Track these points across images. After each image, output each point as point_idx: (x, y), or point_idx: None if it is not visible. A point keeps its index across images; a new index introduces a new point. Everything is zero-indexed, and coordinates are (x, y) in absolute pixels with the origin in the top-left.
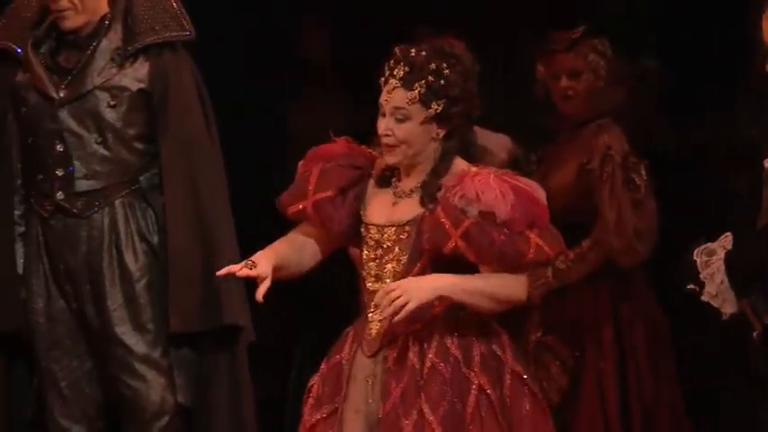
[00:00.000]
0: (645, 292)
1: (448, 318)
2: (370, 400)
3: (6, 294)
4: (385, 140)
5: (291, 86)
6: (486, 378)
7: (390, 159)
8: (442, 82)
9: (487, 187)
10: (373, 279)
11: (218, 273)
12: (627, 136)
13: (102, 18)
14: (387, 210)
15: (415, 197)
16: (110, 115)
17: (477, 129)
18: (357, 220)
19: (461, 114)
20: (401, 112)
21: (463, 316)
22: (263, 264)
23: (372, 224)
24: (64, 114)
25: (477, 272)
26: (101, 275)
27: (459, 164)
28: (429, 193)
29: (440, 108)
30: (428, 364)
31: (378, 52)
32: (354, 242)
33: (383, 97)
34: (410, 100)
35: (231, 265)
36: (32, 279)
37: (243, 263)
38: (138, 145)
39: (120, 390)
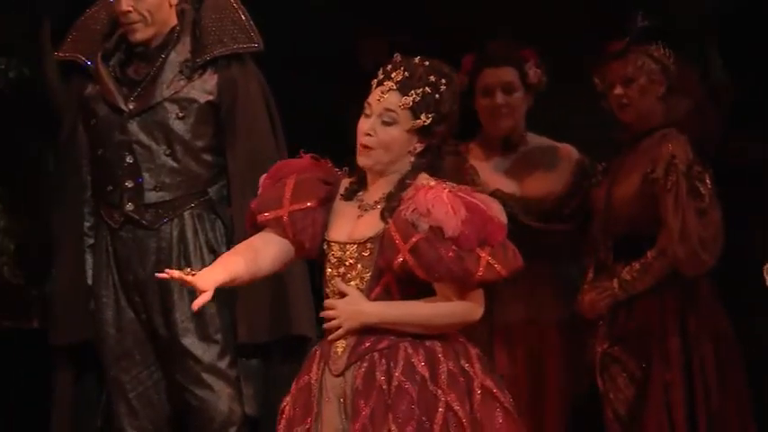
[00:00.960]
0: (712, 302)
1: (414, 335)
2: (344, 418)
3: (76, 305)
4: (365, 140)
5: (355, 99)
6: (453, 395)
7: (363, 161)
8: (437, 96)
9: (439, 202)
10: (338, 297)
11: (157, 275)
12: (692, 145)
13: (171, 30)
14: (350, 225)
15: (379, 210)
16: (178, 127)
17: (543, 139)
18: (322, 239)
19: (442, 135)
20: (390, 115)
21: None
22: (205, 277)
23: (334, 241)
24: (133, 126)
25: (436, 290)
26: (169, 287)
27: (422, 178)
28: (391, 207)
29: (427, 121)
30: (395, 383)
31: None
32: (320, 258)
33: (374, 97)
34: (403, 105)
35: (169, 269)
36: (102, 290)
37: (182, 270)
38: (207, 157)
39: (189, 400)
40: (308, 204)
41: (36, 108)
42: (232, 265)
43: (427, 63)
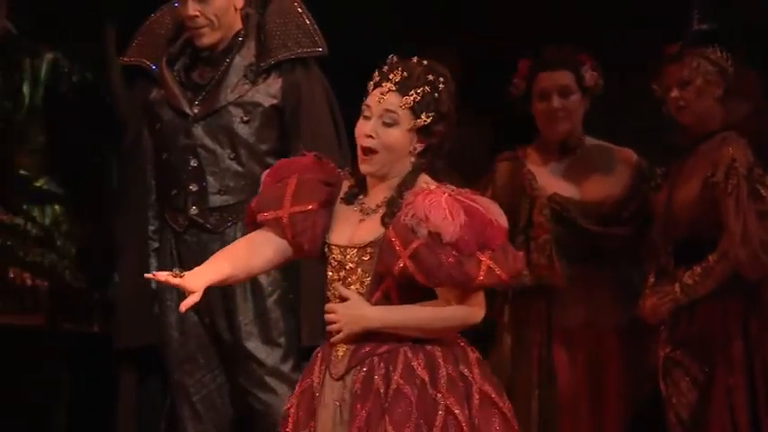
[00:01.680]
0: None
1: (414, 339)
2: (337, 422)
3: (140, 309)
4: (366, 142)
5: None
6: (453, 399)
7: (366, 168)
8: (436, 95)
9: (436, 207)
10: (338, 300)
11: (145, 275)
12: (752, 148)
13: (236, 34)
14: (351, 229)
15: (380, 213)
16: (243, 131)
17: (600, 142)
18: (323, 242)
19: (441, 135)
20: (390, 116)
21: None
22: (194, 278)
23: (335, 245)
24: (198, 130)
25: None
26: (233, 290)
27: (422, 181)
28: (392, 212)
29: (428, 121)
30: (393, 386)
31: (504, 72)
32: (319, 260)
33: (373, 99)
34: (403, 105)
35: (156, 272)
36: (166, 294)
37: (170, 272)
38: (271, 160)
39: (252, 404)
40: (309, 207)
41: (99, 112)
42: (223, 265)
43: (425, 62)
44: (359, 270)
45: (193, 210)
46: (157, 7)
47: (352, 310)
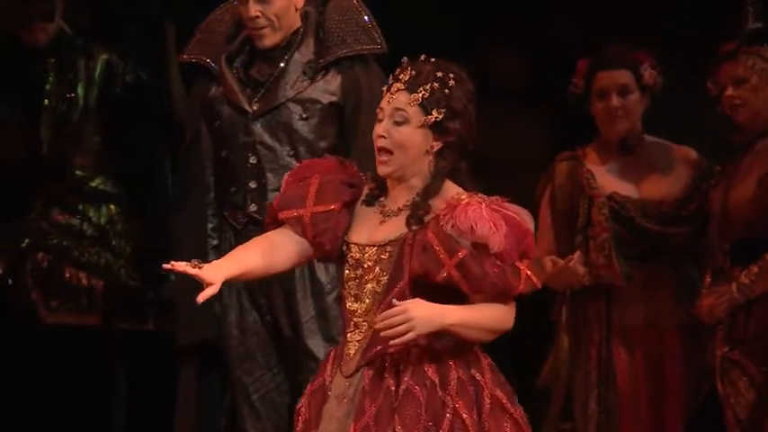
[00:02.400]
0: None
1: (427, 340)
2: (331, 418)
3: (201, 307)
4: (380, 143)
5: (477, 106)
6: (462, 402)
7: (383, 170)
8: (446, 91)
9: (481, 219)
10: (353, 299)
11: (164, 266)
12: None
13: (295, 32)
14: (371, 229)
15: (402, 217)
16: (302, 128)
17: (660, 141)
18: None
19: (459, 133)
20: (400, 114)
21: (443, 340)
22: (212, 270)
23: (354, 243)
24: (257, 127)
25: (458, 295)
26: (293, 287)
27: (449, 187)
28: (418, 215)
29: (440, 117)
30: (403, 386)
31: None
32: (338, 261)
33: (385, 101)
34: (411, 102)
35: (175, 262)
36: (225, 292)
37: (188, 262)
38: (330, 157)
39: None
40: (332, 207)
41: (153, 112)
42: (243, 260)
43: (433, 60)
44: (376, 269)
45: (252, 207)
46: (216, 6)
47: (429, 308)
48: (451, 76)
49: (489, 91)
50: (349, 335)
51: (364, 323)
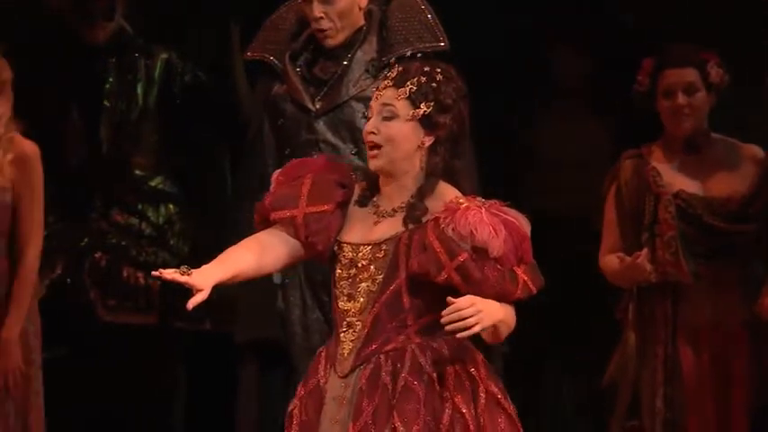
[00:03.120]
0: None
1: (422, 338)
2: (333, 422)
3: (262, 304)
4: (370, 139)
5: (542, 105)
6: (460, 397)
7: (374, 163)
8: (434, 85)
9: (481, 223)
10: (345, 298)
11: (153, 273)
12: None
13: (359, 30)
14: (365, 229)
15: (397, 217)
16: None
17: (726, 139)
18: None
19: (449, 128)
20: (389, 109)
21: (438, 337)
22: (202, 275)
23: (346, 243)
24: (320, 125)
25: (450, 295)
26: None
27: (445, 188)
28: (414, 215)
29: (428, 110)
30: (401, 382)
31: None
32: (328, 262)
33: (374, 99)
34: (399, 96)
35: (163, 270)
36: (289, 289)
37: (176, 269)
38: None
39: None
40: (324, 208)
41: (212, 111)
42: (234, 263)
43: (420, 56)
44: (371, 267)
45: None
46: (279, 4)
47: (488, 303)
48: (438, 71)
49: (554, 91)
50: (342, 335)
51: (358, 322)
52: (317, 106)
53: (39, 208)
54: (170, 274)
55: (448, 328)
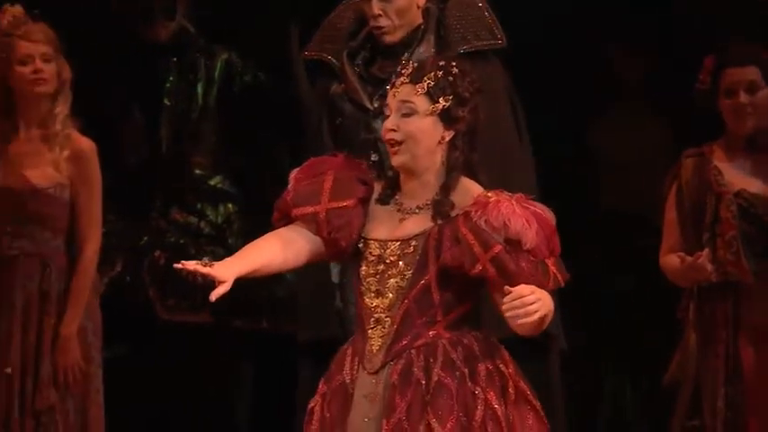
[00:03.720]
0: None
1: (452, 333)
2: (366, 419)
3: (322, 302)
4: (390, 136)
5: (603, 104)
6: (492, 393)
7: (396, 160)
8: (451, 78)
9: (514, 215)
10: (373, 294)
11: (174, 265)
12: None
13: (416, 28)
14: (391, 226)
15: (423, 214)
16: None
17: None
18: (360, 238)
19: (468, 122)
20: (407, 106)
21: (465, 332)
22: (224, 267)
23: (373, 239)
24: (378, 124)
25: (478, 289)
26: None
27: (467, 183)
28: (443, 211)
29: (447, 104)
30: (435, 378)
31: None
32: (350, 259)
33: (390, 96)
34: (417, 92)
35: (185, 261)
36: (348, 288)
37: (199, 261)
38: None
39: None
40: (347, 203)
41: (271, 110)
42: (256, 257)
43: (433, 50)
44: (400, 263)
45: None
46: (338, 3)
47: (543, 293)
48: (454, 64)
49: (614, 91)
50: (370, 331)
51: (387, 318)
52: (375, 105)
53: (97, 204)
54: (192, 265)
55: (509, 314)
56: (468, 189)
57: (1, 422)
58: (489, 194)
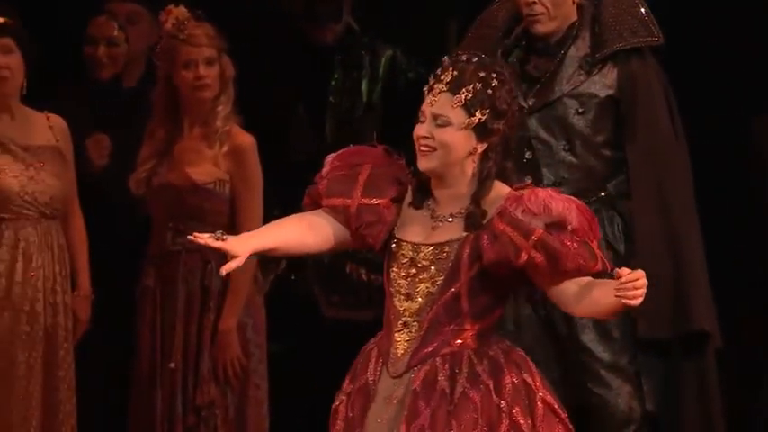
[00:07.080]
0: None
1: (479, 343)
2: (378, 420)
3: None
4: (423, 142)
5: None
6: (518, 408)
7: (425, 164)
8: (489, 92)
9: (554, 199)
10: (403, 297)
11: (188, 237)
12: None
13: (571, 26)
14: (425, 230)
15: (456, 223)
16: (578, 123)
17: None
18: (390, 237)
19: (502, 133)
20: (443, 118)
21: (492, 343)
22: (238, 242)
23: (407, 241)
24: (533, 122)
25: (508, 296)
26: None
27: (499, 187)
28: (476, 222)
29: (483, 118)
30: (459, 389)
31: None
32: (380, 253)
33: (426, 103)
34: (454, 104)
35: (198, 233)
36: None
37: (212, 234)
38: (606, 152)
39: (587, 397)
40: (379, 201)
41: None
42: (275, 235)
43: (475, 60)
44: (432, 268)
45: None
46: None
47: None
48: (494, 75)
49: None
50: (396, 334)
51: (415, 323)
52: (530, 103)
53: (257, 199)
54: (204, 238)
55: (619, 294)
56: (499, 192)
57: (165, 417)
58: (521, 188)
